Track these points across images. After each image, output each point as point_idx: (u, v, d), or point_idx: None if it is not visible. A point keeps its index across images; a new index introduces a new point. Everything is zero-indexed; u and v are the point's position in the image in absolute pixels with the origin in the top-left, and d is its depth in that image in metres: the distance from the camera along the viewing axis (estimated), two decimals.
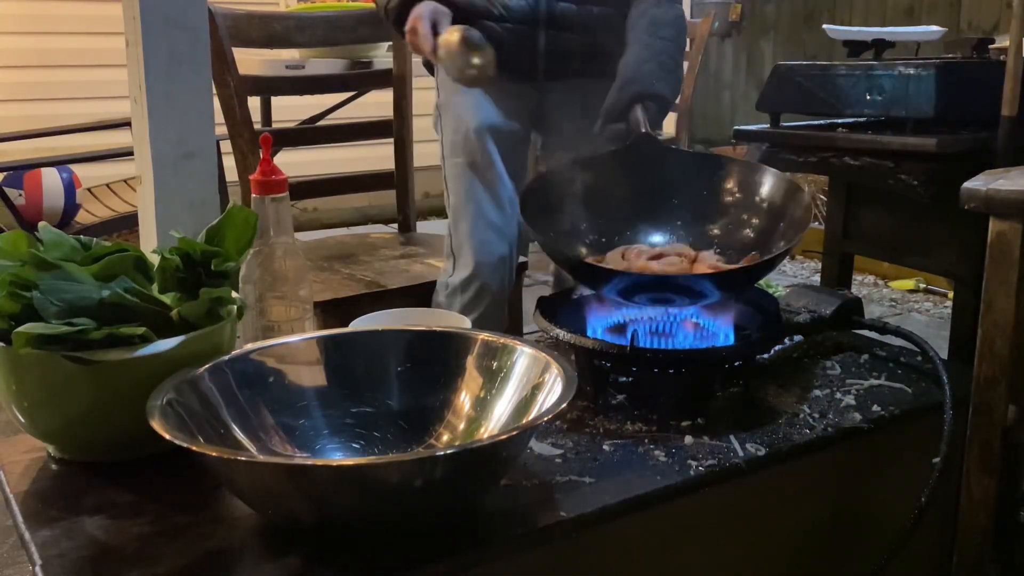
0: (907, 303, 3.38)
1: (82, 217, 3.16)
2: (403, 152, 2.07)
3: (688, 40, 4.35)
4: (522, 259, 1.82)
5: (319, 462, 0.74)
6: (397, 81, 2.03)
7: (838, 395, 1.08)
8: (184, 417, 0.78)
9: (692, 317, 1.14)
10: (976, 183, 1.06)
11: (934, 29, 1.90)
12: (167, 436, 0.72)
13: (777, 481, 0.96)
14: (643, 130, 1.30)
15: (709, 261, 1.17)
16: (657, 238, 1.28)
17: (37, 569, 0.72)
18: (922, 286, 3.49)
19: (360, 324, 1.09)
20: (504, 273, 1.62)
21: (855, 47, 1.81)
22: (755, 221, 1.25)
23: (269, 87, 2.27)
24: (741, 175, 1.29)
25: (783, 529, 1.00)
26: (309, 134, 2.40)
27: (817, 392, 1.09)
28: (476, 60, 1.38)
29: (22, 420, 0.89)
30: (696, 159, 1.41)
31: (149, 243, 1.40)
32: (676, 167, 1.31)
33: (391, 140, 2.06)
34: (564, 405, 0.78)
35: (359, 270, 1.81)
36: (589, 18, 1.56)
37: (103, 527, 0.78)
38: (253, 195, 1.01)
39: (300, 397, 0.90)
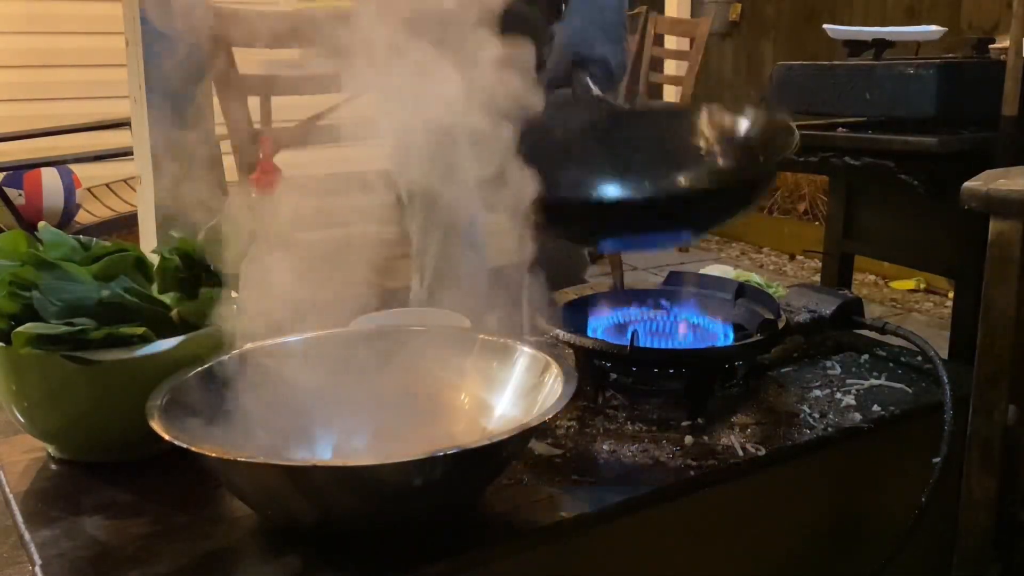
0: (907, 303, 3.38)
1: (82, 217, 3.16)
2: None
3: (689, 40, 4.35)
4: None
5: (319, 462, 0.74)
6: None
7: (838, 395, 1.08)
8: (184, 417, 0.78)
9: (691, 317, 1.14)
10: (976, 183, 1.05)
11: (934, 29, 1.90)
12: (167, 436, 0.72)
13: (777, 481, 0.96)
14: (592, 93, 1.25)
15: None
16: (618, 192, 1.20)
17: (37, 569, 0.72)
18: (922, 286, 3.49)
19: (360, 324, 1.09)
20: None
21: (855, 47, 1.80)
22: (728, 159, 1.21)
23: (269, 87, 2.27)
24: (711, 118, 1.25)
25: (783, 529, 1.00)
26: (309, 134, 2.40)
27: (817, 392, 1.09)
28: None
29: (22, 420, 0.89)
30: (657, 113, 1.39)
31: (149, 243, 1.41)
32: (632, 124, 1.27)
33: None
34: (564, 405, 0.78)
35: (359, 270, 1.80)
36: None
37: (103, 527, 0.78)
38: (253, 195, 1.01)
39: (300, 397, 0.90)
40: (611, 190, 1.22)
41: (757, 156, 1.17)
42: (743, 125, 1.21)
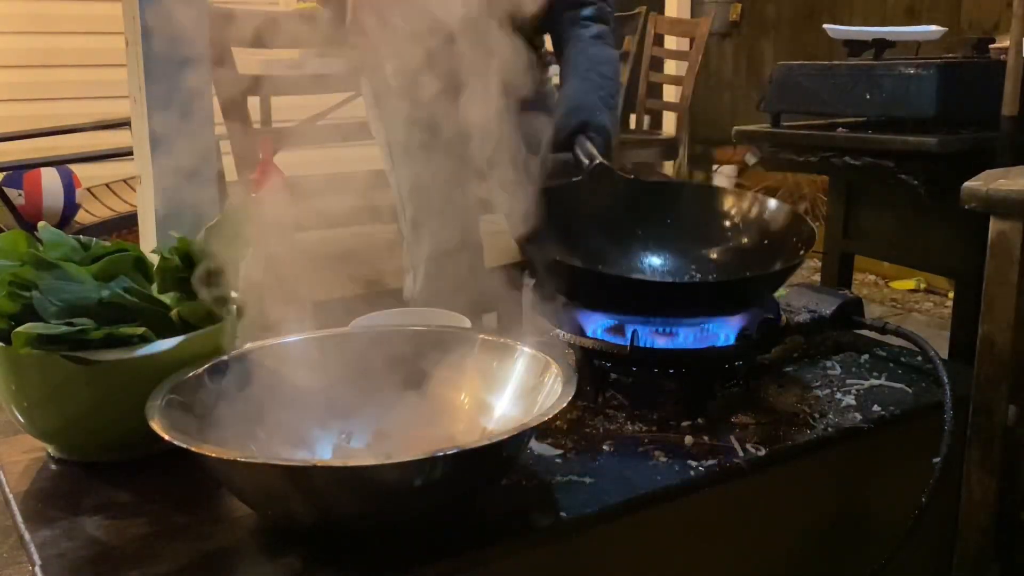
0: (907, 303, 3.38)
1: (82, 217, 3.16)
2: None
3: (689, 40, 4.35)
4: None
5: (319, 462, 0.74)
6: None
7: (838, 395, 1.08)
8: (184, 417, 0.78)
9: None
10: (976, 183, 1.06)
11: (934, 29, 1.90)
12: (167, 436, 0.72)
13: (777, 481, 0.96)
14: (597, 161, 1.29)
15: None
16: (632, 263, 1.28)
17: (37, 569, 0.72)
18: (922, 286, 3.50)
19: (360, 324, 1.09)
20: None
21: (855, 47, 1.81)
22: (744, 240, 1.25)
23: (269, 87, 2.27)
24: (708, 200, 1.30)
25: (783, 529, 1.00)
26: (309, 134, 2.40)
27: (817, 392, 1.09)
28: None
29: (22, 420, 0.89)
30: (656, 187, 1.40)
31: (149, 243, 1.40)
32: (637, 196, 1.31)
33: None
34: (564, 405, 0.78)
35: (359, 270, 1.80)
36: None
37: (103, 527, 0.78)
38: (253, 194, 1.01)
39: (300, 397, 0.90)
40: (649, 271, 1.27)
41: (787, 248, 1.20)
42: (769, 215, 1.25)
